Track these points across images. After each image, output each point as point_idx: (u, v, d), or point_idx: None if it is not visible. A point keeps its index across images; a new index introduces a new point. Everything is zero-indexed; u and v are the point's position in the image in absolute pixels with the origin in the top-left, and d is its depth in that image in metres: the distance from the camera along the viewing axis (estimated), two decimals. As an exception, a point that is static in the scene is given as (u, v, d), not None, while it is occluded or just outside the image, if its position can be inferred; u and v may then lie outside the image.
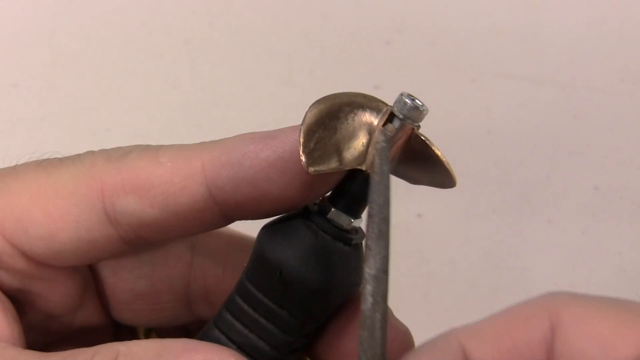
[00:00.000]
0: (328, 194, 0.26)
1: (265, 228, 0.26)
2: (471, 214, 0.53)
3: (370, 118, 0.24)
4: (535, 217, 0.53)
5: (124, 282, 0.29)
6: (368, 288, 0.21)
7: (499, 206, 0.53)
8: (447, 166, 0.25)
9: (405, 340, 0.27)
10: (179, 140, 0.53)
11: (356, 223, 0.25)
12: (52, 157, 0.26)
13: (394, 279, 0.22)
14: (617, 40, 0.61)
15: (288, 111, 0.56)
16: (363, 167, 0.24)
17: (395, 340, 0.27)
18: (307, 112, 0.24)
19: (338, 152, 0.24)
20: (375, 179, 0.22)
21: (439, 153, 0.25)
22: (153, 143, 0.26)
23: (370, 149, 0.24)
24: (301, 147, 0.23)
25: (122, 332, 0.31)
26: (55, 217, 0.25)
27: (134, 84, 0.57)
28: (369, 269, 0.21)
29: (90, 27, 0.61)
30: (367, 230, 0.22)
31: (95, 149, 0.27)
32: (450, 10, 0.61)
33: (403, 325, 0.28)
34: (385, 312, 0.21)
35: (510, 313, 0.22)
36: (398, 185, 0.25)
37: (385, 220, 0.21)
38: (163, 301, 0.30)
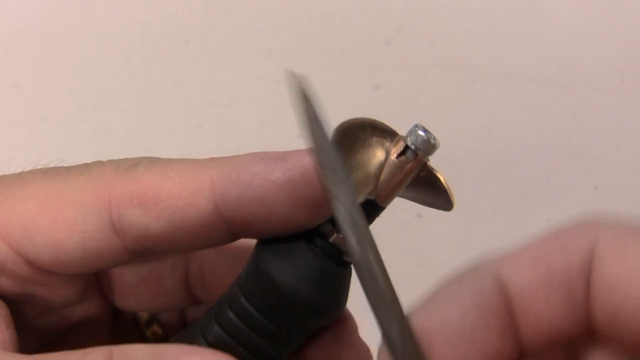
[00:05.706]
0: None
1: (265, 247, 0.25)
2: (471, 214, 0.53)
3: (383, 145, 0.24)
4: (535, 217, 0.53)
5: (130, 266, 0.29)
6: (352, 237, 0.20)
7: (499, 206, 0.53)
8: (451, 196, 0.25)
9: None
10: (179, 140, 0.53)
11: None
12: (59, 165, 0.26)
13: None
14: (617, 40, 0.61)
15: (288, 111, 0.56)
16: (373, 197, 0.24)
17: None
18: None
19: (359, 183, 0.24)
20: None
21: (446, 186, 0.25)
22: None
23: (381, 177, 0.24)
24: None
25: (123, 323, 0.32)
26: (61, 226, 0.24)
27: (134, 84, 0.57)
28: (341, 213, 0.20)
29: (91, 27, 0.61)
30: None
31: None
32: (450, 10, 0.61)
33: (364, 344, 0.28)
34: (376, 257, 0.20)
35: (547, 240, 0.21)
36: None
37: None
38: (165, 284, 0.30)
